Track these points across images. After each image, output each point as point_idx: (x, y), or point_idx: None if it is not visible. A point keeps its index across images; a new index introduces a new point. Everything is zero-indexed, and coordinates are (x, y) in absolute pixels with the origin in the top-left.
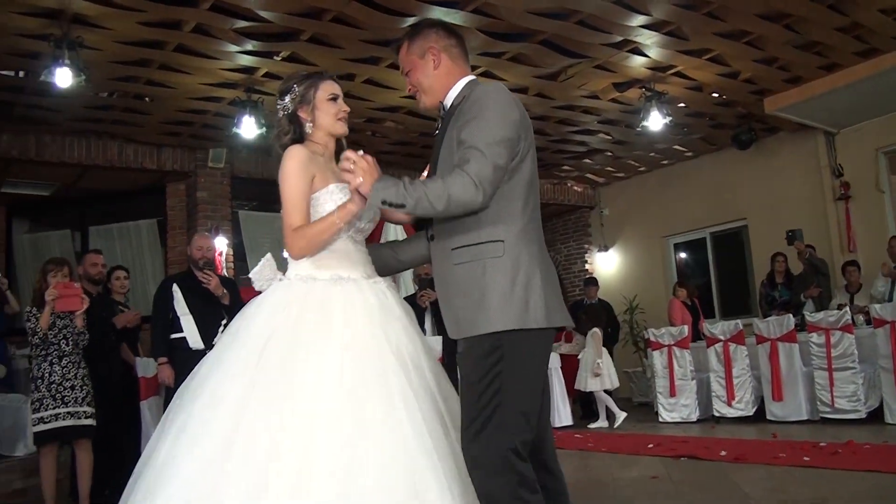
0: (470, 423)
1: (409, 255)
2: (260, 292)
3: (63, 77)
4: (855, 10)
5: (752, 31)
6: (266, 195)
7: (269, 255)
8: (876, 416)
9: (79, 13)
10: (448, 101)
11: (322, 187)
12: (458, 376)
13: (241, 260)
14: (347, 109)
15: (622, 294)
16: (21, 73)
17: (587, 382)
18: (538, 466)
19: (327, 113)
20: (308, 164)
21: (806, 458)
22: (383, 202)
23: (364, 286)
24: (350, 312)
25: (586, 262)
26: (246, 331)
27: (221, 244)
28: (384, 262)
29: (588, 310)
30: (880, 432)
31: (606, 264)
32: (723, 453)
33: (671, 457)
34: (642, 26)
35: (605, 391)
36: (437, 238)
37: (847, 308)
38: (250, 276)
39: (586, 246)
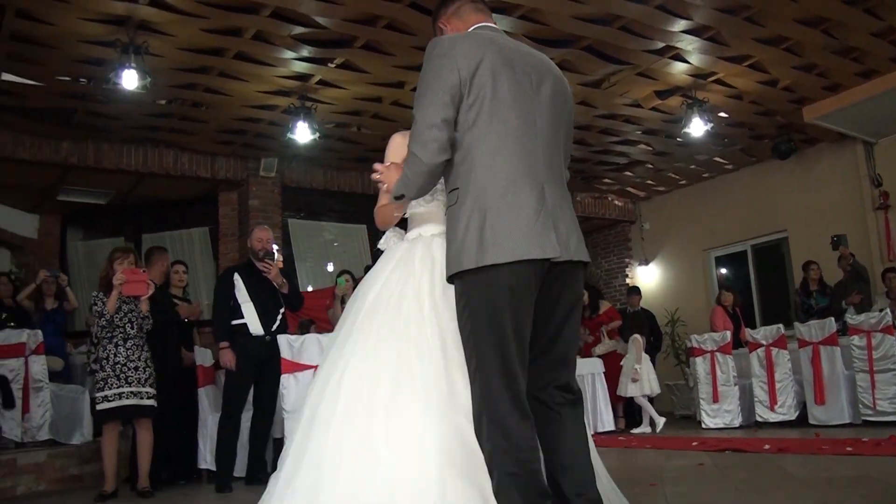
0: (469, 372)
1: None
2: None
3: (129, 79)
4: (891, 14)
5: (790, 36)
6: (315, 205)
7: (393, 227)
8: None
9: (145, 19)
10: None
11: None
12: None
13: (290, 265)
14: (382, 186)
15: (664, 307)
16: (83, 80)
17: (627, 388)
18: (549, 405)
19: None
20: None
21: (849, 448)
22: (395, 198)
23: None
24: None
25: (627, 276)
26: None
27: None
28: None
29: (631, 317)
30: None
31: (647, 278)
32: (766, 447)
33: (715, 451)
34: (684, 31)
35: (647, 397)
36: None
37: (888, 309)
38: (379, 246)
39: (627, 260)
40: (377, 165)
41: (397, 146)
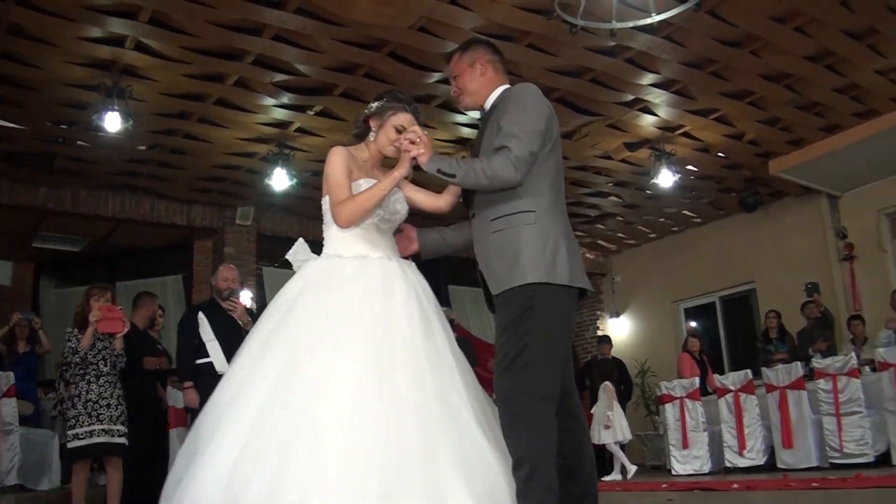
0: (501, 360)
1: (454, 237)
2: None
3: (112, 122)
4: (852, 70)
5: (755, 90)
6: None
7: (301, 239)
8: (884, 459)
9: (130, 64)
10: (488, 104)
11: (356, 180)
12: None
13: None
14: (403, 143)
15: (634, 358)
16: (65, 126)
17: (600, 435)
18: (565, 413)
19: (387, 136)
20: (347, 159)
21: (815, 485)
22: (438, 171)
23: (384, 263)
24: (369, 282)
25: (598, 328)
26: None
27: (246, 298)
28: (430, 244)
29: (600, 364)
30: (889, 473)
31: (618, 330)
32: (735, 486)
33: (685, 490)
34: (652, 84)
35: (619, 444)
36: (477, 215)
37: (853, 353)
38: (287, 256)
39: (598, 312)
40: (417, 128)
41: (339, 161)
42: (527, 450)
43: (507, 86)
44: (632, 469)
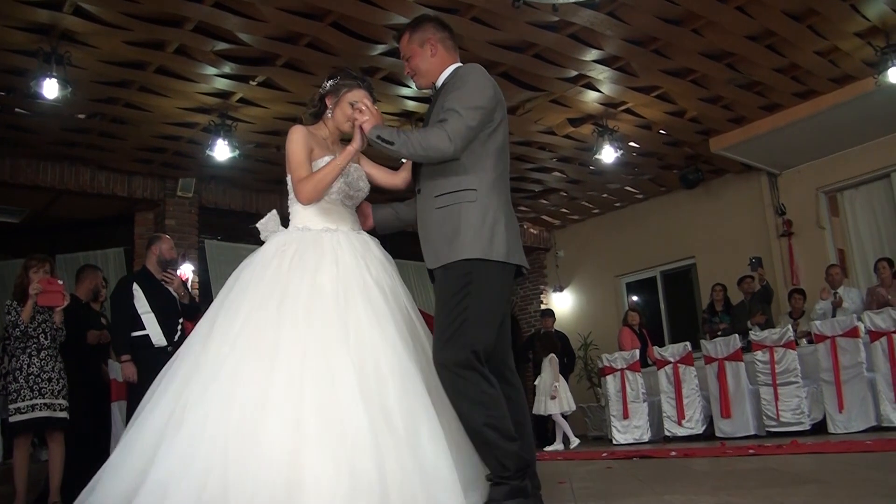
0: (440, 335)
1: (407, 212)
2: None
3: (50, 88)
4: (792, 51)
5: (696, 69)
6: (232, 226)
7: (273, 211)
8: (820, 428)
9: (68, 29)
10: (439, 83)
11: (317, 158)
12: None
13: (206, 289)
14: (360, 120)
15: (577, 332)
16: (2, 93)
17: (546, 406)
18: (500, 379)
19: (343, 113)
20: (307, 137)
21: (751, 451)
22: (378, 137)
23: (350, 235)
24: (338, 250)
25: (542, 302)
26: (251, 264)
27: (188, 270)
28: (385, 219)
29: (543, 337)
30: (824, 440)
31: (562, 304)
32: (673, 453)
33: (624, 458)
34: (595, 61)
35: (563, 416)
36: (423, 190)
37: (789, 326)
38: (257, 225)
39: (542, 287)
40: (367, 100)
41: (298, 139)
42: (470, 412)
43: (458, 64)
44: (574, 441)
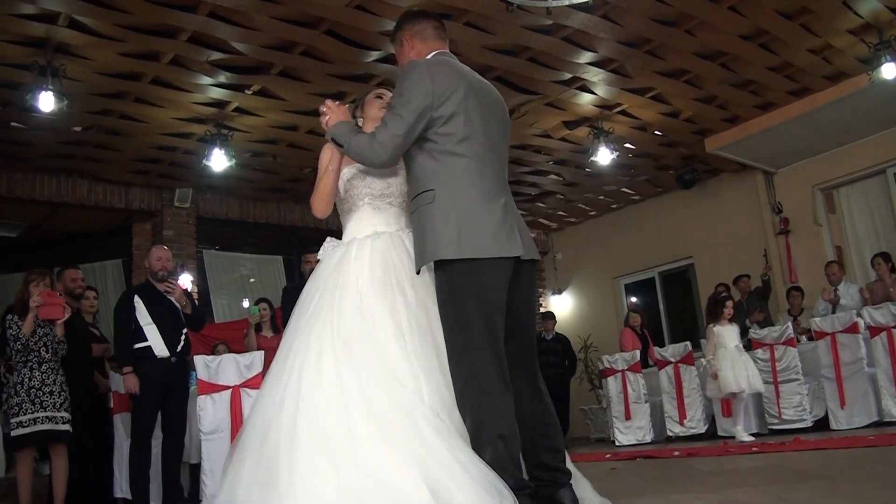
0: (451, 350)
1: None
2: None
3: (46, 101)
4: (785, 49)
5: (690, 69)
6: (230, 236)
7: (328, 238)
8: (822, 425)
9: (63, 41)
10: None
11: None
12: None
13: (205, 299)
14: (322, 119)
15: (577, 334)
16: None
17: None
18: (528, 388)
19: (372, 106)
20: (332, 150)
21: (754, 449)
22: (332, 138)
23: (395, 237)
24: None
25: (541, 305)
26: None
27: (186, 281)
28: None
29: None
30: (826, 437)
31: (561, 307)
32: (676, 453)
33: (628, 459)
34: (589, 63)
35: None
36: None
37: (789, 323)
38: (318, 256)
39: (541, 290)
40: (329, 102)
41: (321, 158)
42: (479, 428)
43: (437, 50)
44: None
